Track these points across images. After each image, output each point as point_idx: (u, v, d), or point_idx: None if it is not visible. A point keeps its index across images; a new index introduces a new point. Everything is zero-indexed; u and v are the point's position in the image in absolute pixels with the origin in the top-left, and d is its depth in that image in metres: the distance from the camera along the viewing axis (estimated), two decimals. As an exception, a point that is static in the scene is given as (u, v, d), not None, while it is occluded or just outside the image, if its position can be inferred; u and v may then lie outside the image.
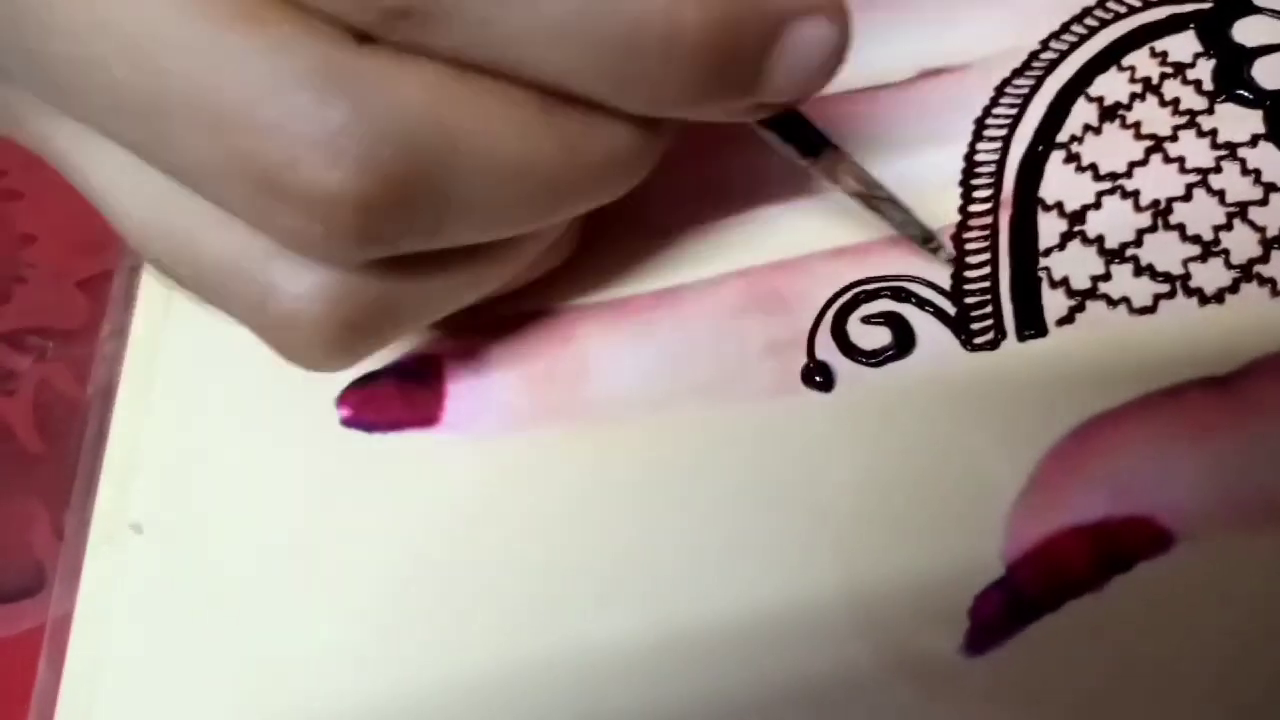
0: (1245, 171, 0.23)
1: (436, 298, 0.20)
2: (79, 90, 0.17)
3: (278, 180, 0.16)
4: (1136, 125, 0.24)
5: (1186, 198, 0.23)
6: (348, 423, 0.23)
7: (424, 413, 0.23)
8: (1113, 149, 0.24)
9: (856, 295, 0.23)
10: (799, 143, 0.21)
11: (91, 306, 0.27)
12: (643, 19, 0.16)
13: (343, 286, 0.18)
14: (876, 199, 0.22)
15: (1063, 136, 0.24)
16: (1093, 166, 0.23)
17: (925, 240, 0.23)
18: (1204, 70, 0.24)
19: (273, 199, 0.17)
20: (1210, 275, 0.22)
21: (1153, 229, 0.23)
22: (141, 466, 0.24)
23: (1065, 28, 0.25)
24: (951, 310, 0.22)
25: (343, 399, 0.24)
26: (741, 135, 0.25)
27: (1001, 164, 0.24)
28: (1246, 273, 0.22)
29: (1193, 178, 0.23)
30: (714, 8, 0.17)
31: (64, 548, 0.23)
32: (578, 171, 0.18)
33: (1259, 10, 0.25)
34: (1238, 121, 0.23)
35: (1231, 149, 0.23)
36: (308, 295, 0.18)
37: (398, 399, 0.23)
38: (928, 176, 0.24)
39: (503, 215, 0.18)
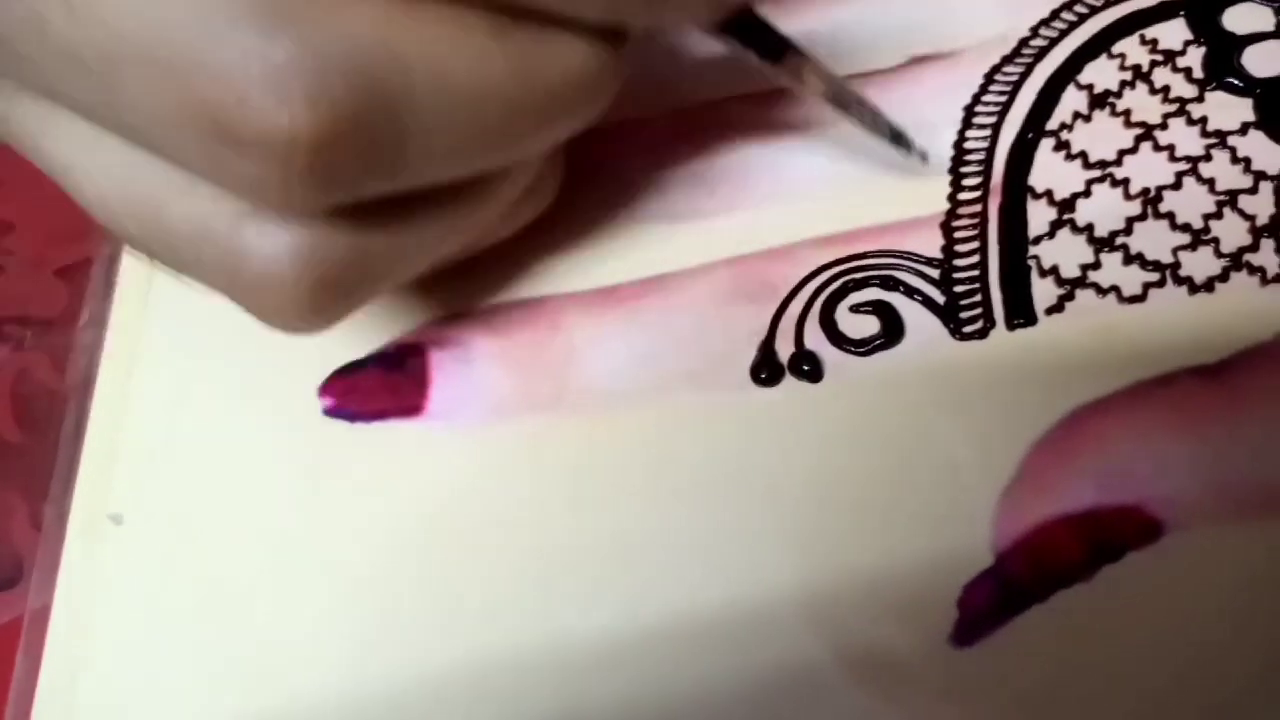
0: (1235, 160, 0.23)
1: (412, 249, 0.19)
2: (23, 52, 0.17)
3: (228, 124, 0.16)
4: (1126, 113, 0.24)
5: (1176, 186, 0.23)
6: (331, 412, 0.23)
7: (408, 402, 0.23)
8: (1103, 137, 0.23)
9: (845, 284, 0.23)
10: (760, 46, 0.21)
11: (70, 295, 0.27)
12: None
13: (314, 243, 0.18)
14: (845, 101, 0.22)
15: (1053, 124, 0.24)
16: (1083, 154, 0.23)
17: (895, 138, 0.22)
18: (1194, 58, 0.24)
19: (226, 146, 0.16)
20: (1200, 263, 0.22)
21: (1142, 217, 0.22)
22: (121, 457, 0.23)
23: (1055, 14, 0.25)
24: (940, 299, 0.22)
25: (326, 388, 0.23)
26: (730, 123, 0.25)
27: (991, 151, 0.24)
28: (1236, 261, 0.22)
29: (1183, 166, 0.23)
30: None
31: (42, 539, 0.23)
32: (536, 95, 0.18)
33: (1249, -2, 0.25)
34: (1228, 109, 0.23)
35: (1221, 137, 0.23)
36: (280, 256, 0.18)
37: (382, 388, 0.23)
38: (917, 163, 0.24)
39: (464, 147, 0.18)
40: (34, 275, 0.28)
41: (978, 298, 0.22)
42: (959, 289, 0.22)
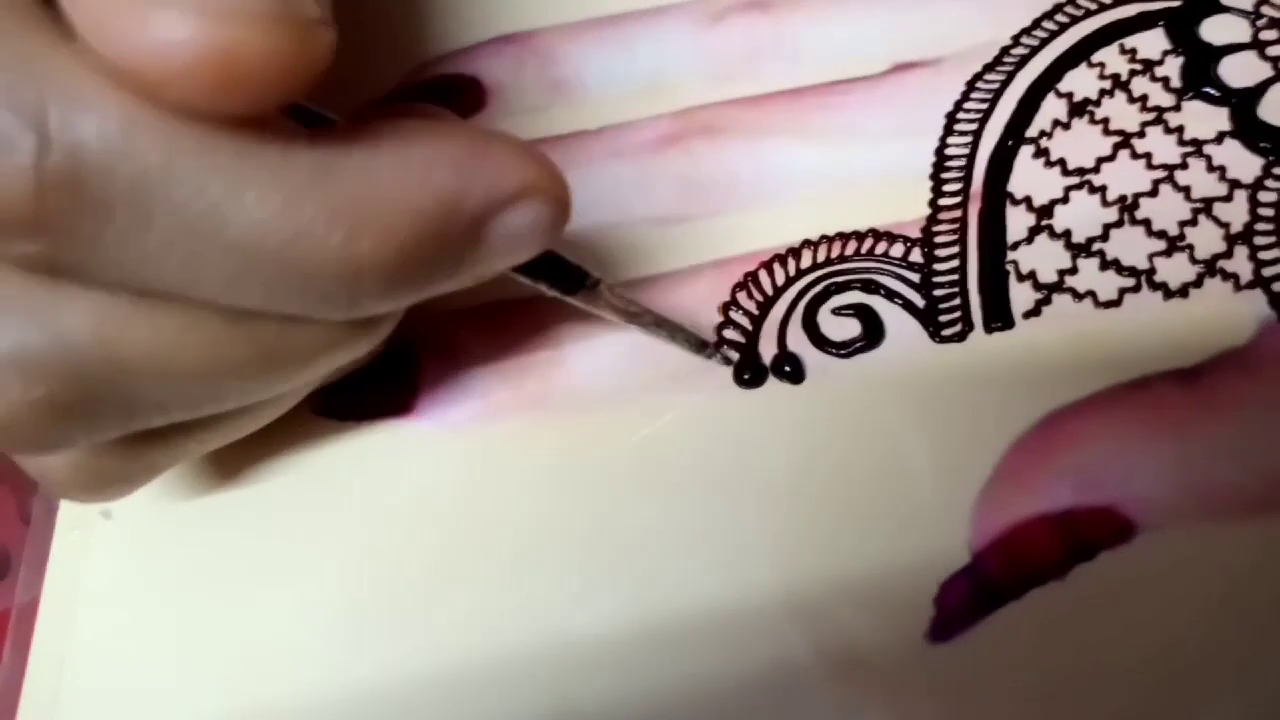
0: (1211, 168, 0.23)
1: (179, 453, 0.20)
2: None
3: None
4: (1105, 121, 0.24)
5: (1153, 193, 0.23)
6: (320, 411, 0.23)
7: (398, 402, 0.23)
8: (1082, 144, 0.24)
9: (827, 287, 0.23)
10: (552, 282, 0.21)
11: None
12: (317, 263, 0.16)
13: (78, 458, 0.19)
14: (646, 324, 0.22)
15: (1032, 131, 0.24)
16: (1061, 161, 0.24)
17: (701, 348, 0.22)
18: (1172, 67, 0.25)
19: None
20: (1175, 270, 0.22)
21: (1119, 224, 0.23)
22: (110, 452, 0.24)
23: (1037, 23, 0.26)
24: (920, 303, 0.22)
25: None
26: (718, 128, 0.26)
27: (972, 158, 0.24)
28: (1210, 267, 0.22)
29: (1160, 174, 0.23)
30: (395, 233, 0.16)
31: (31, 533, 0.23)
32: (277, 366, 0.18)
33: (1226, 9, 0.25)
34: (1204, 119, 0.24)
35: (1198, 145, 0.23)
36: (52, 466, 0.19)
37: (372, 388, 0.23)
38: (899, 169, 0.24)
39: (201, 406, 0.19)
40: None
41: (957, 301, 0.22)
42: (938, 293, 0.23)
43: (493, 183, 0.17)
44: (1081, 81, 0.25)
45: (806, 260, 0.23)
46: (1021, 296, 0.22)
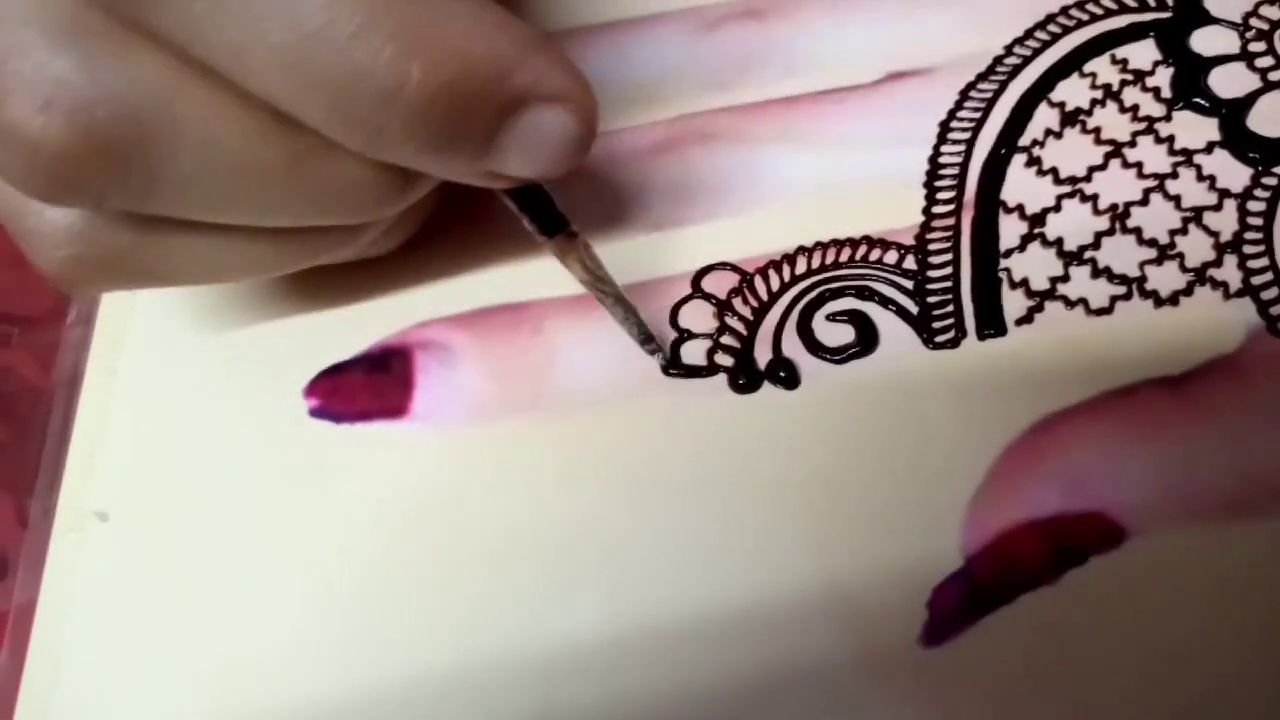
0: (1201, 177, 0.23)
1: (188, 264, 0.21)
2: None
3: None
4: (1097, 130, 0.24)
5: (1144, 202, 0.23)
6: (316, 413, 0.23)
7: (392, 403, 0.23)
8: (1073, 153, 0.24)
9: (822, 293, 0.23)
10: (535, 217, 0.21)
11: (57, 294, 0.27)
12: (365, 67, 0.17)
13: (85, 226, 0.19)
14: (603, 292, 0.22)
15: (1025, 140, 0.24)
16: (1053, 170, 0.24)
17: (644, 341, 0.23)
18: (1163, 78, 0.25)
19: None
20: (1165, 278, 0.22)
21: (1111, 232, 0.23)
22: (107, 455, 0.24)
23: (1029, 34, 0.26)
24: (914, 309, 0.23)
25: (311, 389, 0.24)
26: (712, 134, 0.26)
27: (965, 166, 0.24)
28: (1200, 276, 0.22)
29: (1150, 183, 0.23)
30: (443, 71, 0.17)
31: (28, 535, 0.23)
32: (303, 188, 0.19)
33: (1216, 21, 0.25)
34: (1194, 129, 0.24)
35: (1188, 155, 0.24)
36: (53, 227, 0.19)
37: (366, 389, 0.23)
38: (892, 177, 0.24)
39: (221, 202, 0.19)
40: (20, 273, 0.27)
41: (950, 308, 0.23)
42: (932, 299, 0.23)
43: (542, 74, 0.18)
44: (1073, 91, 0.25)
45: (801, 266, 0.23)
46: (1014, 304, 0.22)
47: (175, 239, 0.20)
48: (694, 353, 0.23)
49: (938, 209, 0.24)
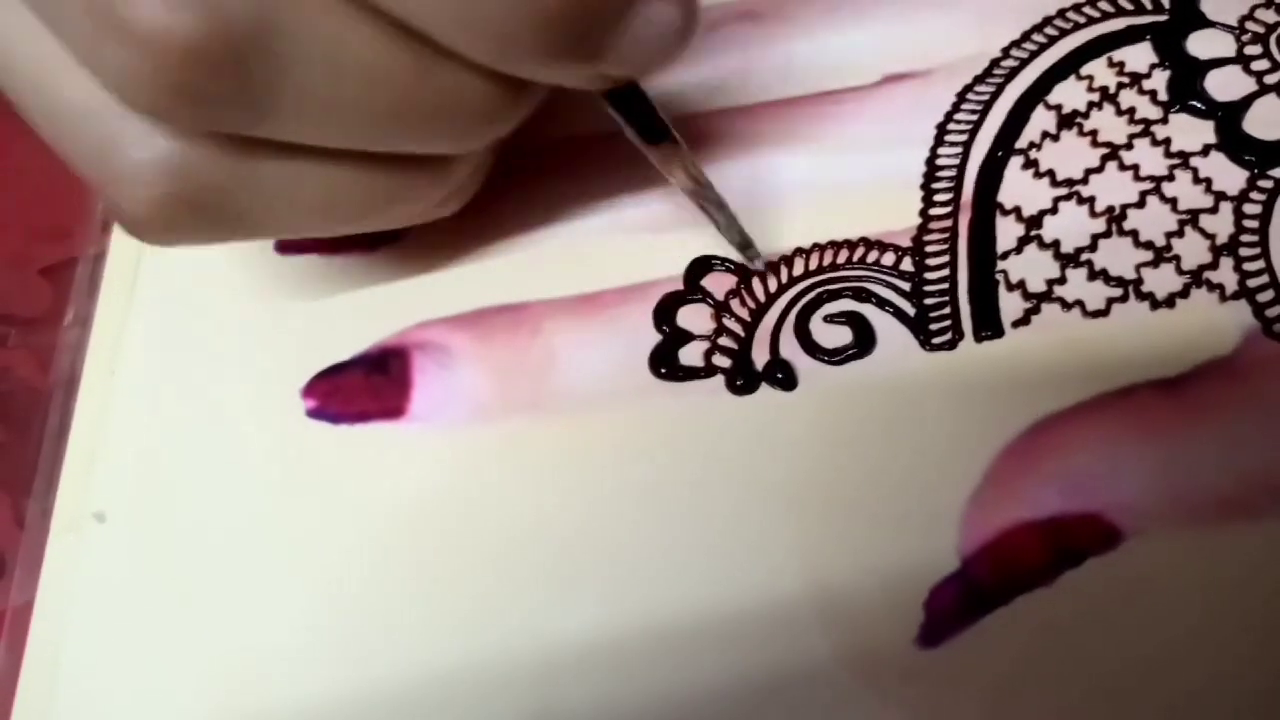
0: (1197, 180, 0.23)
1: (280, 203, 0.20)
2: None
3: (113, 7, 0.16)
4: (1093, 133, 0.24)
5: (1140, 204, 0.23)
6: (314, 414, 0.23)
7: (390, 404, 0.23)
8: (1070, 156, 0.24)
9: (820, 294, 0.23)
10: (640, 125, 0.21)
11: (55, 294, 0.27)
12: None
13: (183, 158, 0.18)
14: (705, 199, 0.23)
15: (1022, 143, 0.25)
16: (1050, 173, 0.24)
17: (744, 247, 0.23)
18: (1159, 81, 0.25)
19: (104, 27, 0.16)
20: (1162, 280, 0.22)
21: (1107, 234, 0.23)
22: (105, 455, 0.24)
23: (1026, 36, 0.26)
24: (911, 311, 0.23)
25: (309, 390, 0.24)
26: (710, 136, 0.26)
27: (962, 168, 0.24)
28: (1197, 278, 0.22)
29: (1146, 185, 0.24)
30: None
31: (25, 536, 0.23)
32: (425, 103, 0.19)
33: (1212, 24, 0.25)
34: (1190, 131, 0.24)
35: (1184, 158, 0.24)
36: (149, 160, 0.18)
37: (364, 390, 0.23)
38: (890, 179, 0.24)
39: (338, 120, 0.18)
40: (18, 274, 0.28)
41: (947, 310, 0.23)
42: (929, 301, 0.23)
43: None
44: (1070, 94, 0.25)
45: (799, 268, 0.24)
46: (1011, 305, 0.23)
47: (275, 168, 0.19)
48: (691, 354, 0.23)
49: (935, 211, 0.24)
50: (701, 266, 0.24)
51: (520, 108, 0.20)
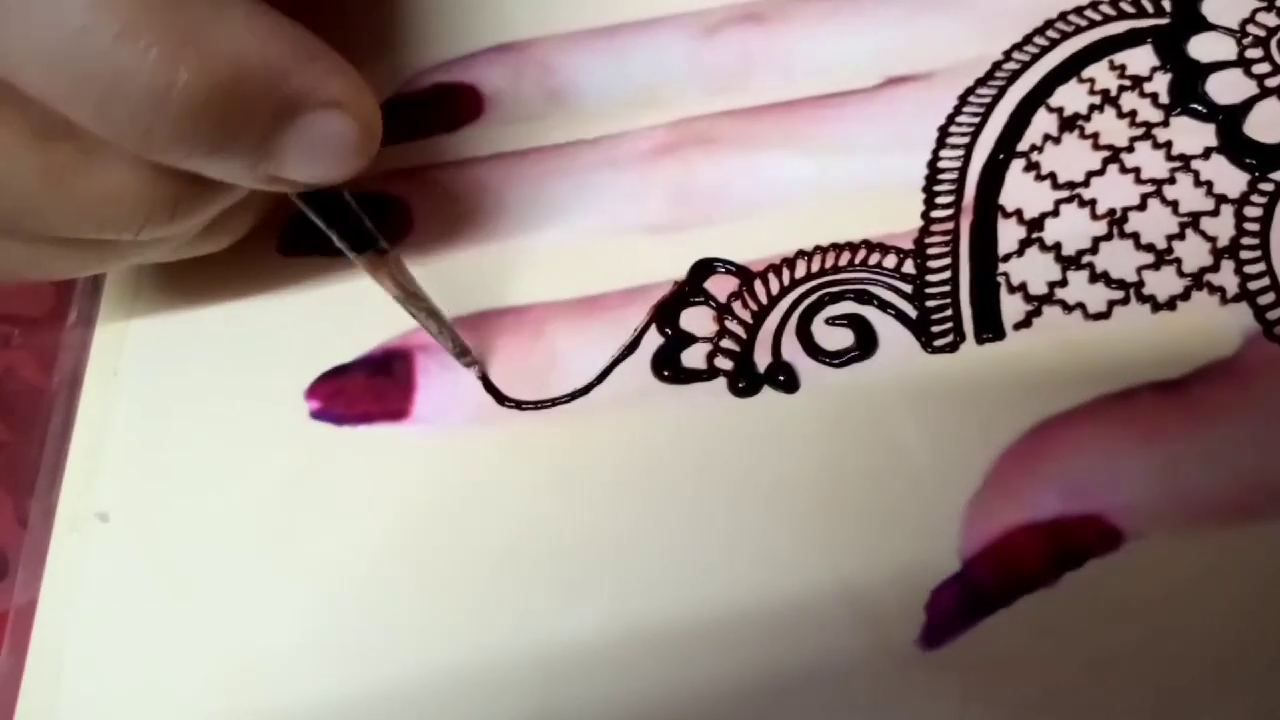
0: (1198, 183, 0.24)
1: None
2: None
3: None
4: (1095, 136, 0.24)
5: (1141, 207, 0.23)
6: (317, 415, 0.23)
7: (393, 405, 0.23)
8: (1072, 158, 0.24)
9: (821, 297, 0.23)
10: (340, 231, 0.21)
11: (58, 295, 0.27)
12: (131, 67, 0.17)
13: None
14: (416, 308, 0.22)
15: (1023, 145, 0.25)
16: (1052, 175, 0.24)
17: (460, 354, 0.23)
18: (1160, 84, 0.25)
19: None
20: (1163, 283, 0.22)
21: (1108, 237, 0.23)
22: (108, 455, 0.24)
23: (1028, 39, 0.26)
24: (913, 313, 0.23)
25: (312, 391, 0.24)
26: (711, 138, 0.26)
27: (964, 171, 0.24)
28: (1198, 281, 0.22)
29: (1148, 188, 0.24)
30: (214, 72, 0.17)
31: (28, 535, 0.23)
32: (62, 202, 0.19)
33: (1213, 27, 0.25)
34: (1192, 134, 0.24)
35: (1185, 161, 0.24)
36: None
37: (367, 392, 0.23)
38: (891, 181, 0.24)
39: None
40: (21, 275, 0.28)
41: (948, 312, 0.23)
42: (930, 304, 0.23)
43: (317, 80, 0.18)
44: (1072, 96, 0.25)
45: (801, 270, 0.24)
46: (1012, 308, 0.23)
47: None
48: (694, 356, 0.23)
49: (937, 213, 0.24)
50: (704, 269, 0.24)
51: (185, 208, 0.20)
